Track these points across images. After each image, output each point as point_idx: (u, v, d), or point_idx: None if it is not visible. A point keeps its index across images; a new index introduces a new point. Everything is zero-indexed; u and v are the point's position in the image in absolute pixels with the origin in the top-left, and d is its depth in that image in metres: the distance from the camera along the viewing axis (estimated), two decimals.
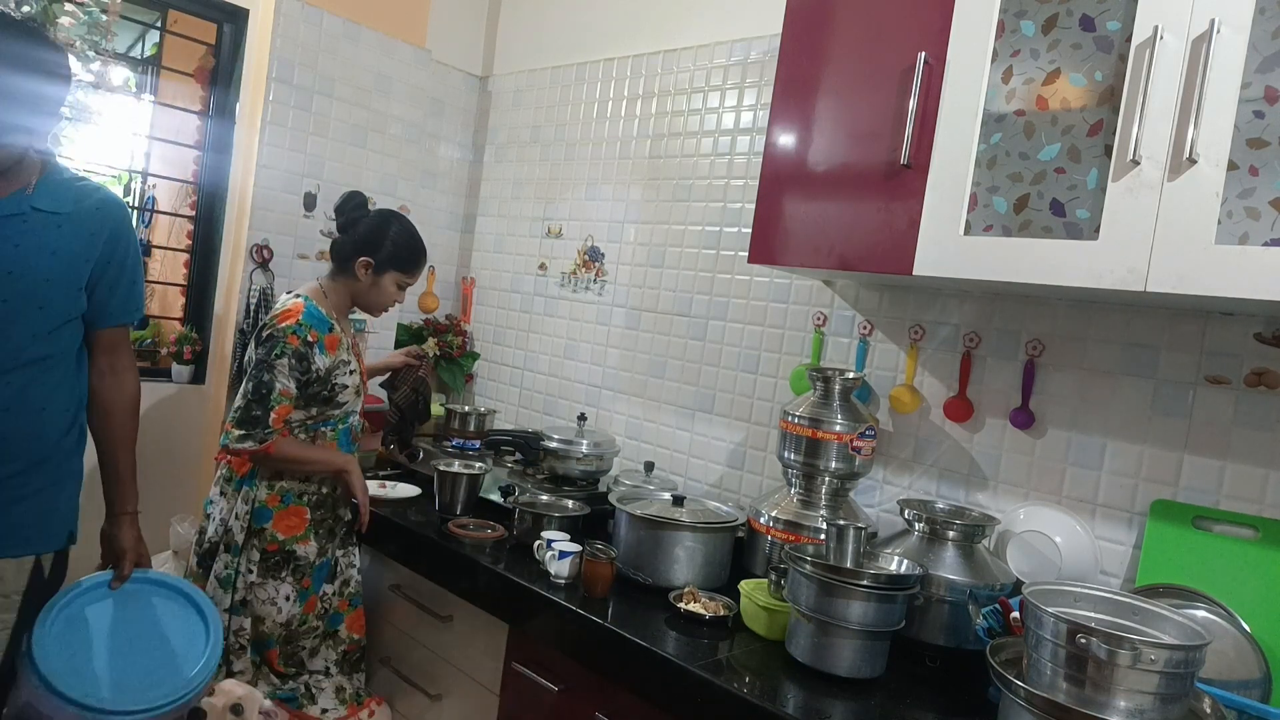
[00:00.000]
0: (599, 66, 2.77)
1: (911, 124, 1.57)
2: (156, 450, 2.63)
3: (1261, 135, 1.24)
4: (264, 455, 1.86)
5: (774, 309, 2.23)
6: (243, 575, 1.92)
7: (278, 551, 1.93)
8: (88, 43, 2.15)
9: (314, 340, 1.89)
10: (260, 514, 1.93)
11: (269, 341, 1.87)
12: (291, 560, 1.95)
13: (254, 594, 1.92)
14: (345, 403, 2.00)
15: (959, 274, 1.52)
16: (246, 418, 1.85)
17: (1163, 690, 1.09)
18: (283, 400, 1.86)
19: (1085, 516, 1.69)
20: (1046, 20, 1.46)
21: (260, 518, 1.93)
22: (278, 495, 1.94)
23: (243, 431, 1.84)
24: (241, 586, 1.92)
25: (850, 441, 1.81)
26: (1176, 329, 1.61)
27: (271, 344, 1.86)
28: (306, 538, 1.96)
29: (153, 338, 2.81)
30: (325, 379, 1.93)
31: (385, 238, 2.00)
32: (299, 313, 1.90)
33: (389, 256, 2.00)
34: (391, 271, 2.01)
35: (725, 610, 1.69)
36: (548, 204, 2.90)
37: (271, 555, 1.93)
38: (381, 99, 2.90)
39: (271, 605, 1.93)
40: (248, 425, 1.84)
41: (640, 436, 2.53)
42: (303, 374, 1.88)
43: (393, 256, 2.00)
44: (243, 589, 1.92)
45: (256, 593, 1.92)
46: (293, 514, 1.95)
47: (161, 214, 2.92)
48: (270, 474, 1.93)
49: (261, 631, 1.94)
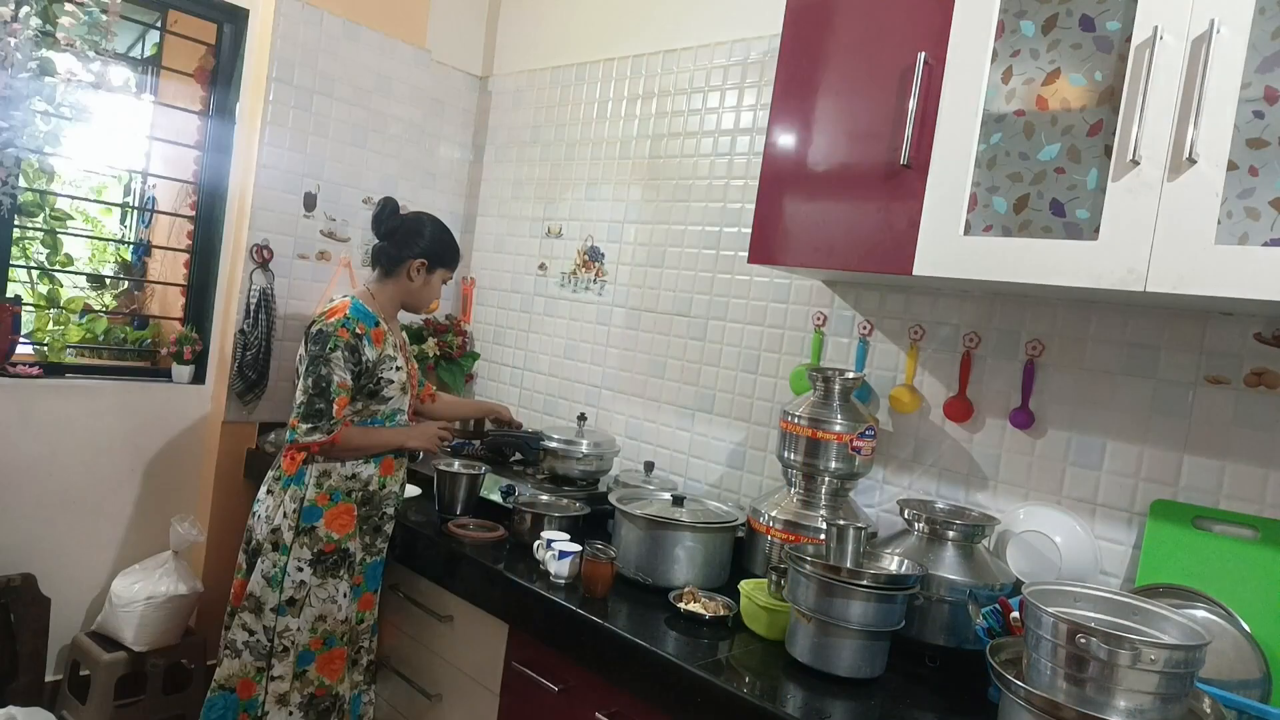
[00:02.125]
0: (599, 66, 2.77)
1: (911, 124, 1.57)
2: (156, 450, 2.64)
3: (1261, 135, 1.24)
4: (330, 445, 1.92)
5: (774, 309, 2.23)
6: (290, 575, 1.92)
7: (334, 551, 1.94)
8: (88, 43, 2.15)
9: (361, 333, 1.95)
10: (309, 513, 1.94)
11: (320, 337, 1.92)
12: (346, 558, 1.96)
13: (313, 595, 1.93)
14: (391, 398, 2.04)
15: (959, 274, 1.52)
16: (311, 411, 1.90)
17: (1163, 690, 1.09)
18: (341, 392, 1.92)
19: (1085, 516, 1.69)
20: (1046, 20, 1.46)
21: (309, 516, 1.94)
22: (326, 494, 1.96)
23: (310, 425, 1.90)
24: (290, 586, 1.91)
25: (850, 441, 1.81)
26: (1176, 329, 1.61)
27: (323, 339, 1.92)
28: (355, 535, 1.99)
29: (153, 338, 2.80)
30: (372, 372, 1.98)
31: (430, 238, 2.10)
32: (345, 308, 1.97)
33: (437, 255, 2.11)
34: (440, 269, 2.14)
35: (725, 610, 1.69)
36: (548, 204, 2.90)
37: (329, 556, 1.94)
38: (381, 99, 2.90)
39: (333, 604, 1.94)
40: (314, 418, 1.90)
41: (640, 436, 2.53)
42: (355, 365, 1.95)
43: (440, 254, 2.12)
44: (290, 588, 1.91)
45: (316, 593, 1.93)
46: (343, 512, 1.97)
47: (161, 214, 2.92)
48: (318, 472, 1.95)
49: (325, 630, 1.94)
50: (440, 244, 2.12)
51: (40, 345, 2.52)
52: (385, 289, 2.11)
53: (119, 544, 2.59)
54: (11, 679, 2.33)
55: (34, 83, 2.09)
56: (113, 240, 3.13)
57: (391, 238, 2.09)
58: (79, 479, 2.50)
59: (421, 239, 2.09)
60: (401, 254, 2.08)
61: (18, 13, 2.04)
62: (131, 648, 2.41)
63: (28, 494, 2.40)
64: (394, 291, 2.11)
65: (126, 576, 2.48)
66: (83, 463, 2.49)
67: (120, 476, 2.58)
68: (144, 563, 2.53)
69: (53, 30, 2.10)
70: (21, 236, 2.68)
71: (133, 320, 2.85)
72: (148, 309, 2.95)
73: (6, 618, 2.32)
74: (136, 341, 2.78)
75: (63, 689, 2.47)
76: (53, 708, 2.43)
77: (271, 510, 1.96)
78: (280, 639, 1.91)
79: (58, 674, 2.51)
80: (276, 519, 1.94)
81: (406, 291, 2.11)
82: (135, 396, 2.58)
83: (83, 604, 2.54)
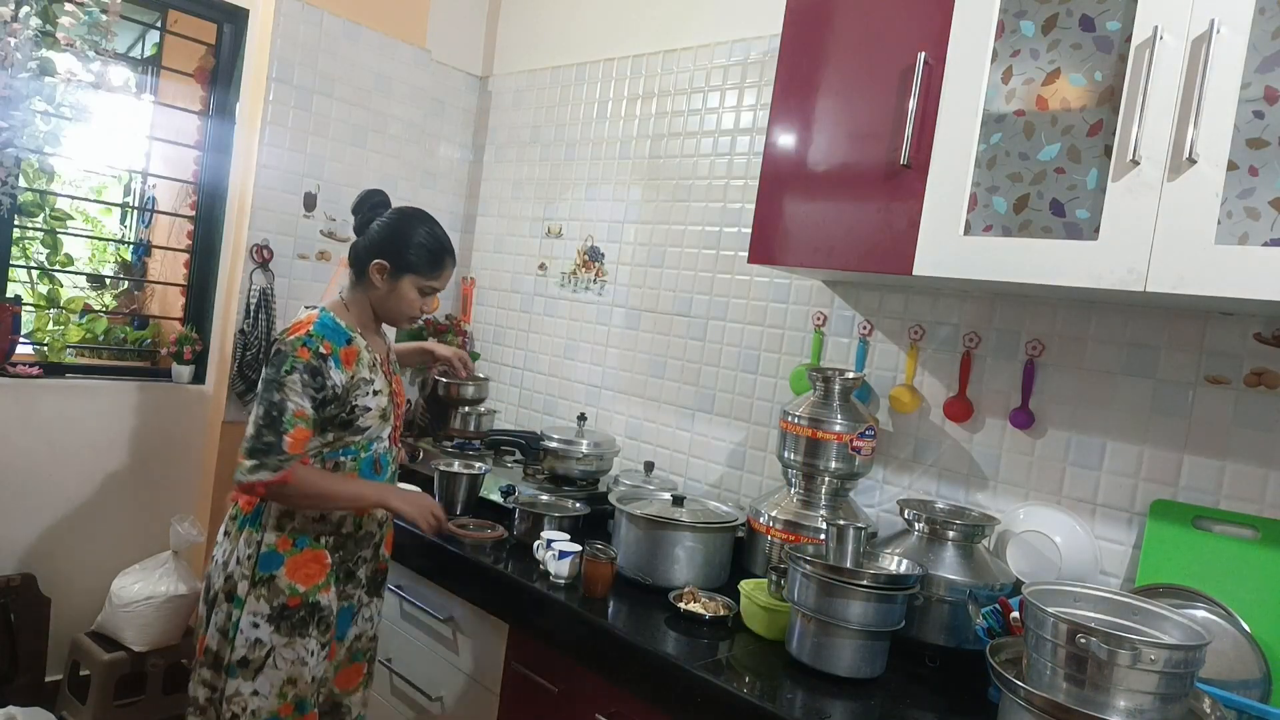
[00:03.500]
0: (599, 66, 2.77)
1: (911, 124, 1.57)
2: (156, 450, 2.64)
3: (1261, 135, 1.24)
4: (280, 486, 1.57)
5: (774, 309, 2.23)
6: (243, 632, 1.63)
7: (300, 606, 1.64)
8: (88, 43, 2.15)
9: (327, 353, 1.63)
10: (268, 560, 1.65)
11: (277, 358, 1.61)
12: (317, 613, 1.67)
13: (278, 657, 1.64)
14: (368, 427, 1.71)
15: (959, 274, 1.52)
16: (258, 445, 1.57)
17: (1163, 690, 1.09)
18: (298, 422, 1.59)
19: (1085, 516, 1.69)
20: (1046, 20, 1.46)
21: (268, 564, 1.64)
22: (289, 538, 1.66)
23: (255, 461, 1.56)
24: (242, 644, 1.62)
25: (850, 441, 1.81)
26: (1176, 329, 1.61)
27: (280, 360, 1.61)
28: (328, 585, 1.69)
29: (153, 338, 2.81)
30: (343, 398, 1.66)
31: (402, 237, 1.74)
32: (310, 323, 1.65)
33: (406, 258, 1.73)
34: (410, 275, 1.74)
35: (725, 610, 1.69)
36: (548, 204, 2.90)
37: (294, 611, 1.64)
38: (381, 99, 2.91)
39: (303, 665, 1.65)
40: (260, 454, 1.57)
41: (640, 436, 2.53)
42: (316, 391, 1.61)
43: (403, 255, 1.73)
44: (243, 647, 1.62)
45: (282, 654, 1.64)
46: (311, 559, 1.67)
47: (161, 214, 2.92)
48: (279, 512, 1.66)
49: (296, 694, 1.66)
50: (405, 242, 1.73)
51: (40, 345, 2.52)
52: (357, 296, 1.77)
53: (119, 544, 2.59)
54: (11, 679, 2.34)
55: (34, 83, 2.09)
56: (113, 240, 3.14)
57: (361, 233, 1.78)
58: (79, 479, 2.50)
59: (392, 236, 1.73)
60: (368, 253, 1.74)
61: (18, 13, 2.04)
62: (131, 648, 2.41)
63: (28, 494, 2.40)
64: (362, 299, 1.77)
65: (126, 576, 2.48)
66: (83, 463, 2.49)
67: (120, 476, 2.58)
68: (144, 563, 2.53)
69: (53, 30, 2.10)
70: (21, 236, 2.68)
71: (133, 320, 2.85)
72: (148, 309, 2.95)
73: (6, 618, 2.32)
74: (136, 341, 2.78)
75: (63, 689, 2.47)
76: (53, 708, 2.43)
77: (227, 554, 1.68)
78: (230, 704, 1.62)
79: (58, 674, 2.51)
80: (230, 565, 1.66)
81: (373, 299, 1.76)
82: (135, 396, 2.58)
83: (83, 604, 2.54)
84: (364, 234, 1.77)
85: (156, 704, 2.47)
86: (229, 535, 1.71)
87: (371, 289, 1.75)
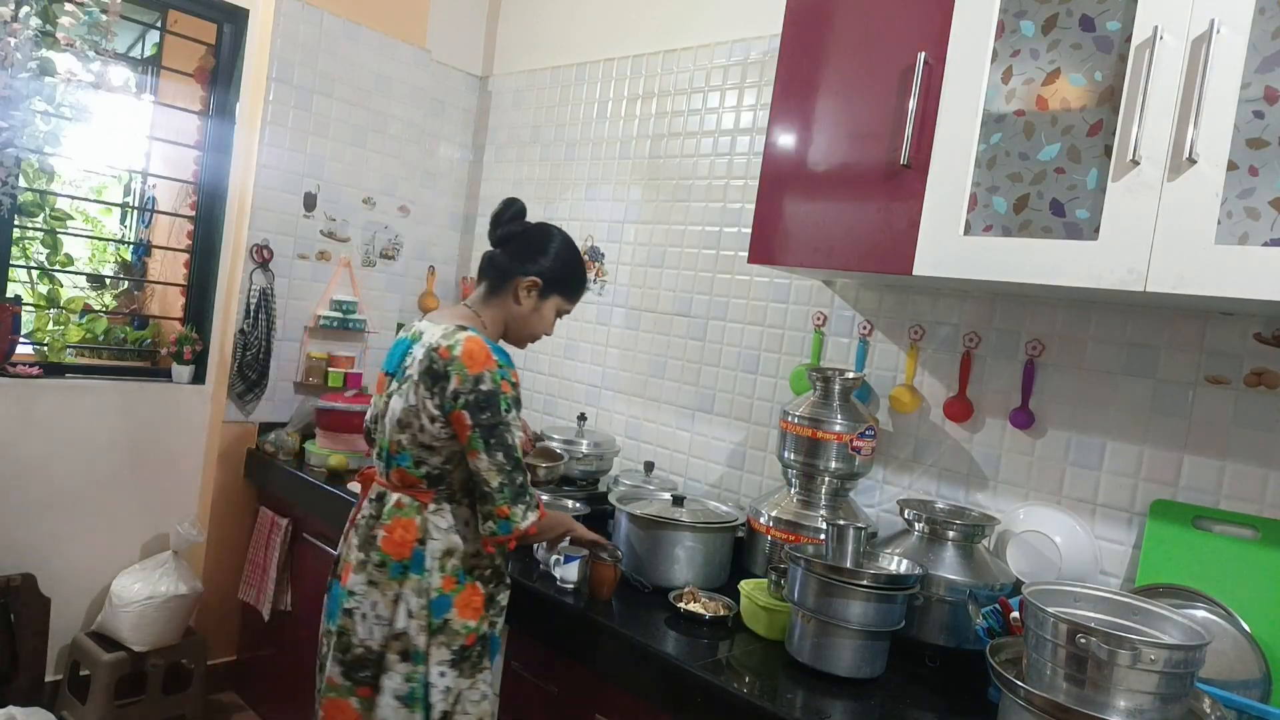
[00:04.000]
0: (599, 66, 2.77)
1: (911, 124, 1.57)
2: (156, 450, 2.64)
3: (1261, 135, 1.24)
4: (539, 522, 1.54)
5: (774, 309, 2.23)
6: (435, 685, 1.51)
7: (476, 642, 1.56)
8: (88, 43, 2.14)
9: (516, 381, 1.56)
10: (439, 604, 1.53)
11: (490, 399, 1.49)
12: (486, 644, 1.59)
13: (466, 702, 1.55)
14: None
15: (959, 274, 1.52)
16: (517, 489, 1.50)
17: (1163, 690, 1.09)
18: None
19: (1085, 516, 1.69)
20: (1046, 20, 1.46)
21: (440, 609, 1.53)
22: (452, 577, 1.55)
23: (522, 506, 1.51)
24: (439, 699, 1.52)
25: (850, 441, 1.81)
26: (1176, 329, 1.61)
27: (493, 400, 1.49)
28: (487, 614, 1.60)
29: (153, 338, 2.81)
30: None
31: (554, 255, 1.67)
32: (488, 352, 1.52)
33: (556, 277, 1.67)
34: (556, 296, 1.69)
35: (725, 610, 1.69)
36: (548, 204, 2.90)
37: (472, 649, 1.55)
38: (381, 99, 2.91)
39: (486, 701, 1.59)
40: (522, 498, 1.51)
41: (640, 436, 2.53)
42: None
43: (562, 277, 1.68)
44: (441, 702, 1.52)
45: (468, 697, 1.55)
46: (471, 593, 1.57)
47: (161, 214, 2.92)
48: (440, 552, 1.54)
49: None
50: (564, 264, 1.68)
51: (40, 345, 2.52)
52: (490, 310, 1.67)
53: (119, 544, 2.59)
54: (11, 679, 2.33)
55: (34, 83, 2.09)
56: (113, 240, 3.13)
57: (506, 245, 1.67)
58: (79, 479, 2.50)
59: (543, 255, 1.66)
60: (513, 267, 1.65)
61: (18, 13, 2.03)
62: (131, 648, 2.41)
63: (28, 494, 2.40)
64: (498, 314, 1.67)
65: (126, 576, 2.48)
66: (83, 463, 2.49)
67: (120, 476, 2.58)
68: (144, 563, 2.53)
69: (53, 30, 2.10)
70: (21, 236, 2.68)
71: (133, 320, 2.85)
72: (148, 309, 2.95)
73: (6, 618, 2.32)
74: (136, 341, 2.78)
75: (63, 689, 2.47)
76: (53, 708, 2.43)
77: (384, 609, 1.53)
78: None
79: (58, 674, 2.51)
80: (399, 621, 1.52)
81: (511, 316, 1.67)
82: (135, 396, 2.58)
83: (83, 604, 2.54)
84: (507, 245, 1.68)
85: (156, 704, 2.47)
86: (376, 585, 1.55)
87: (513, 305, 1.66)
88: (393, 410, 1.56)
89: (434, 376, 1.51)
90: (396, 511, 1.56)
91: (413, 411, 1.52)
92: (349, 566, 1.59)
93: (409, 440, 1.54)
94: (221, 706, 2.76)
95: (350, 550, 1.61)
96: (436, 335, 1.55)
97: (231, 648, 2.86)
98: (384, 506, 1.58)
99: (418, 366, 1.54)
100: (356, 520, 1.64)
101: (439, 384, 1.51)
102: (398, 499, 1.57)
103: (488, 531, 1.52)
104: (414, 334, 1.63)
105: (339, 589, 1.60)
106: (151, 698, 2.46)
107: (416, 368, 1.54)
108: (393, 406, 1.57)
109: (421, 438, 1.53)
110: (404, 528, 1.55)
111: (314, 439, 2.66)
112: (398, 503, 1.57)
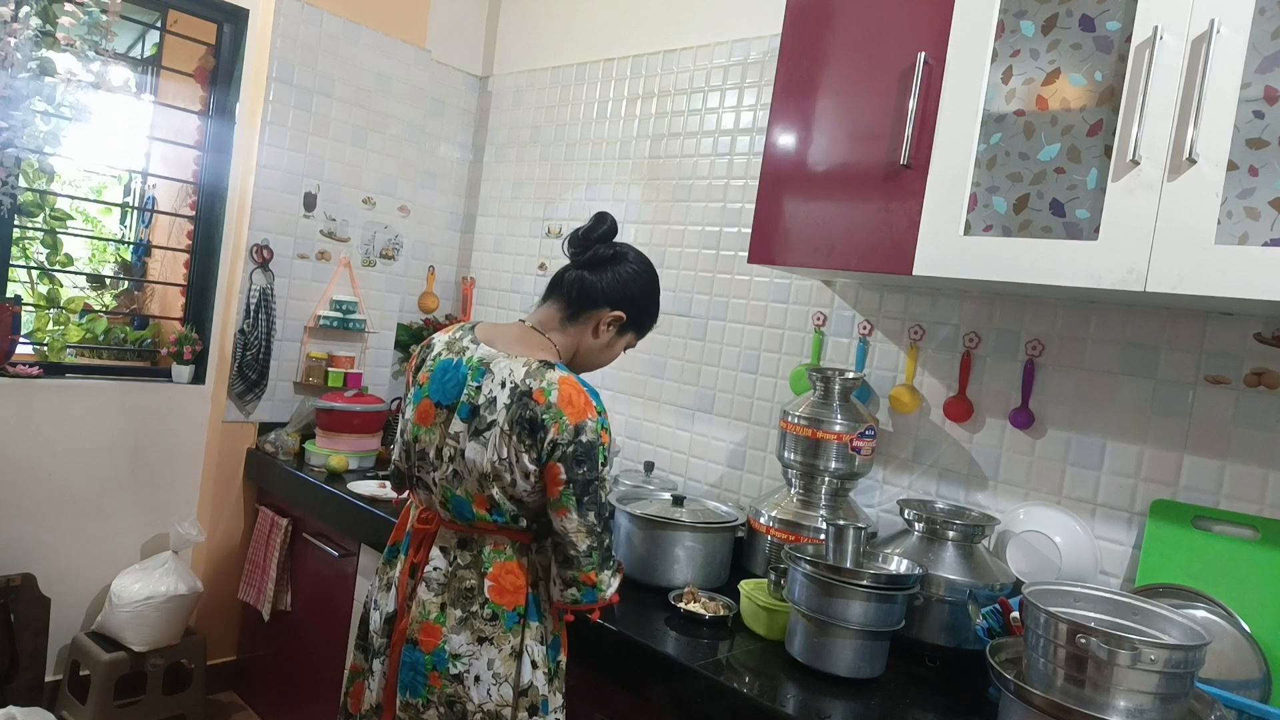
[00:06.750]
0: (599, 66, 2.77)
1: (911, 124, 1.57)
2: (156, 450, 2.64)
3: (1261, 135, 1.24)
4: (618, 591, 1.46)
5: (774, 309, 2.23)
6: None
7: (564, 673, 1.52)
8: (88, 43, 2.14)
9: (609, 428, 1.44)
10: (556, 647, 1.47)
11: (589, 452, 1.36)
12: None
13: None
14: None
15: (959, 274, 1.52)
16: (605, 554, 1.41)
17: (1163, 690, 1.09)
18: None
19: (1085, 516, 1.69)
20: (1046, 20, 1.46)
21: (556, 651, 1.47)
22: (555, 616, 1.48)
23: (610, 571, 1.42)
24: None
25: (850, 441, 1.81)
26: (1176, 329, 1.61)
27: (591, 452, 1.36)
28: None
29: (153, 338, 2.81)
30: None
31: (642, 292, 1.54)
32: (586, 397, 1.39)
33: (641, 317, 1.56)
34: (632, 333, 1.57)
35: (725, 610, 1.69)
36: (548, 204, 2.90)
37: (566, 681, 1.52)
38: (381, 99, 2.91)
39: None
40: (608, 563, 1.42)
41: (640, 436, 2.53)
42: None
43: (645, 317, 1.57)
44: None
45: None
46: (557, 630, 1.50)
47: (161, 214, 2.92)
48: (544, 597, 1.46)
49: None
50: (651, 302, 1.56)
51: (40, 345, 2.52)
52: (567, 338, 1.51)
53: (119, 544, 2.59)
54: (11, 679, 2.33)
55: (34, 83, 2.09)
56: (113, 240, 3.13)
57: (595, 269, 1.51)
58: (79, 479, 2.50)
59: (632, 289, 1.51)
60: (599, 297, 1.49)
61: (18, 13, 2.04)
62: (131, 648, 2.41)
63: (28, 494, 2.40)
64: (570, 343, 1.51)
65: (126, 576, 2.48)
66: (83, 463, 2.49)
67: (120, 476, 2.58)
68: (144, 563, 2.53)
69: (53, 30, 2.10)
70: (21, 236, 2.68)
71: (133, 320, 2.85)
72: (148, 309, 2.95)
73: (6, 618, 2.32)
74: (136, 341, 2.78)
75: (63, 689, 2.47)
76: (53, 708, 2.43)
77: (500, 667, 1.39)
78: None
79: (58, 674, 2.51)
80: (525, 675, 1.40)
81: (585, 347, 1.53)
82: (135, 396, 2.58)
83: (83, 604, 2.54)
84: (596, 269, 1.52)
85: (156, 704, 2.47)
86: (490, 641, 1.40)
87: (590, 337, 1.52)
88: (472, 462, 1.38)
89: (529, 426, 1.34)
90: (497, 556, 1.42)
91: (505, 465, 1.36)
92: (437, 630, 1.40)
93: (499, 493, 1.39)
94: (221, 706, 2.76)
95: (428, 609, 1.42)
96: (519, 373, 1.39)
97: (231, 648, 2.86)
98: (475, 554, 1.43)
99: (505, 414, 1.36)
100: (425, 575, 1.44)
101: (536, 435, 1.35)
102: (494, 542, 1.42)
103: (569, 599, 1.40)
104: (471, 360, 1.44)
105: (421, 655, 1.40)
106: (151, 698, 2.46)
107: (504, 415, 1.36)
108: (471, 458, 1.38)
109: (513, 491, 1.38)
110: (511, 573, 1.41)
111: (314, 439, 2.66)
112: (496, 545, 1.42)
